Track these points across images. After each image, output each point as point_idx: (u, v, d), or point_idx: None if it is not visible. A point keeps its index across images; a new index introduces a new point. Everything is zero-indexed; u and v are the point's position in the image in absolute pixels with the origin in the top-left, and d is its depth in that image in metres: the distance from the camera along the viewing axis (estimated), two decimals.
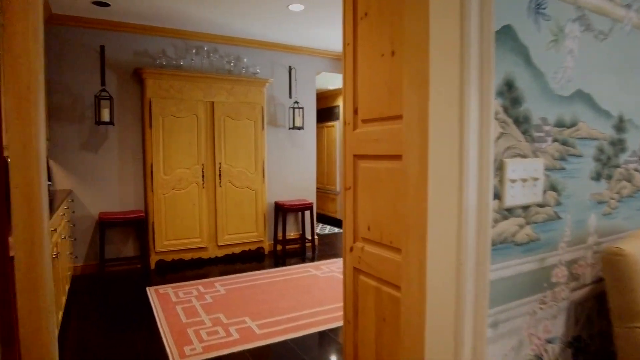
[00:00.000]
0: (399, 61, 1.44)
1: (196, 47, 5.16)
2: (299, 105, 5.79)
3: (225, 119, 5.20)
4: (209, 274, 4.76)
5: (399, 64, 1.45)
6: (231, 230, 5.33)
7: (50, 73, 4.50)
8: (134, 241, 4.99)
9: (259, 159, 5.45)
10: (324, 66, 6.11)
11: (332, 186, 7.99)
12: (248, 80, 5.28)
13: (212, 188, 5.19)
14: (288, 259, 5.43)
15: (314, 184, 6.17)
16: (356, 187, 1.74)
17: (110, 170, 4.83)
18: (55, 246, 2.98)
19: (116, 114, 4.81)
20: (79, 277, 4.59)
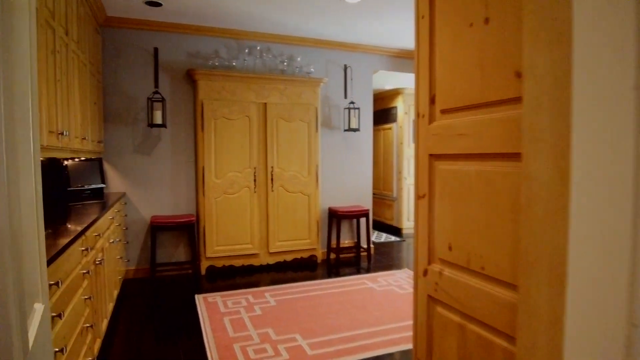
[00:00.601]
0: (497, 29, 1.08)
1: (249, 47, 5.00)
2: (354, 105, 5.47)
3: (278, 120, 4.99)
4: (259, 282, 4.54)
5: (496, 32, 1.08)
6: (283, 236, 5.10)
7: (106, 76, 4.50)
8: (185, 246, 4.89)
9: (313, 163, 5.18)
10: (381, 64, 5.75)
11: (388, 192, 7.58)
12: (302, 80, 5.04)
13: (264, 192, 4.99)
14: (342, 269, 5.10)
15: (370, 189, 5.81)
16: (432, 195, 1.38)
17: (162, 173, 4.77)
18: (100, 252, 2.86)
19: (169, 117, 4.74)
20: (130, 281, 4.54)
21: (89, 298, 2.29)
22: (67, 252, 1.90)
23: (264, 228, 5.01)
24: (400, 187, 7.32)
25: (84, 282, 2.24)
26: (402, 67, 5.89)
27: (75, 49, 3.08)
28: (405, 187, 7.30)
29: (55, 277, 1.66)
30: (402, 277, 4.63)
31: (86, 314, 2.27)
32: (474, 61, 1.17)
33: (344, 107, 5.51)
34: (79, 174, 4.17)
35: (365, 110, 5.62)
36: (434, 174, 1.35)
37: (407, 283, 4.41)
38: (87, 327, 2.27)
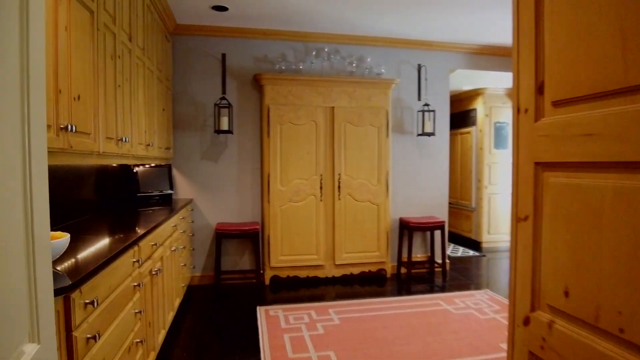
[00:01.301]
0: None
1: (317, 49, 4.80)
2: (429, 108, 5.04)
3: (346, 125, 4.72)
4: (323, 296, 4.28)
5: None
6: (350, 248, 4.80)
7: (176, 83, 4.54)
8: (250, 254, 4.78)
9: (383, 170, 4.84)
10: (458, 62, 5.27)
11: (466, 201, 6.98)
12: (372, 81, 4.73)
13: (331, 201, 4.74)
14: (413, 285, 4.68)
15: (446, 199, 5.33)
16: (539, 218, 1.01)
17: (228, 179, 4.71)
18: (158, 261, 2.77)
19: (235, 123, 4.68)
20: (196, 288, 4.51)
21: (140, 312, 2.17)
22: (112, 265, 1.77)
23: (330, 238, 4.76)
24: (480, 196, 6.69)
25: (134, 295, 2.12)
26: (483, 65, 5.35)
27: (140, 55, 3.06)
28: (486, 196, 6.67)
29: (92, 295, 1.52)
30: (483, 300, 4.11)
31: (137, 328, 2.15)
32: (609, 27, 0.80)
33: (417, 110, 5.11)
34: (149, 180, 4.22)
35: (441, 112, 5.17)
36: (543, 189, 0.99)
37: (488, 307, 3.90)
38: (138, 343, 2.15)
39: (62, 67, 1.72)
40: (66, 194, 2.74)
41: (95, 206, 3.25)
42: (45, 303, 0.93)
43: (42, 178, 0.91)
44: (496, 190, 6.71)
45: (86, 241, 2.06)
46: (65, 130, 1.72)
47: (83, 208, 3.00)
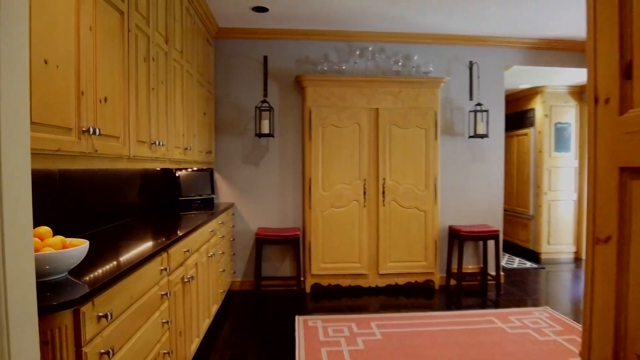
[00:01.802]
0: None
1: (360, 48, 4.61)
2: (482, 108, 4.70)
3: (392, 127, 4.49)
4: (366, 307, 4.07)
5: None
6: (395, 257, 4.55)
7: (218, 87, 4.52)
8: (290, 260, 4.66)
9: (431, 174, 4.55)
10: (514, 58, 4.88)
11: (523, 208, 6.48)
12: (419, 81, 4.47)
13: (375, 207, 4.52)
14: (464, 299, 4.35)
15: (500, 206, 4.94)
16: (626, 239, 0.77)
17: (269, 184, 4.62)
18: (192, 268, 2.69)
19: (276, 126, 4.59)
20: (236, 293, 4.44)
21: (167, 322, 2.08)
22: (134, 274, 1.68)
23: (373, 246, 4.54)
24: (539, 203, 6.19)
25: (161, 304, 2.03)
26: (542, 61, 4.92)
27: (177, 58, 3.02)
28: (546, 203, 6.15)
29: (107, 307, 1.43)
30: (542, 318, 3.72)
31: (164, 339, 2.06)
32: None
33: (468, 110, 4.78)
34: (191, 184, 4.21)
35: (495, 113, 4.80)
36: (632, 203, 0.75)
37: (548, 327, 3.52)
38: (164, 354, 2.06)
39: (86, 68, 1.66)
40: (112, 196, 2.75)
41: (138, 210, 3.26)
42: (22, 320, 0.81)
43: (16, 178, 0.80)
44: (557, 197, 6.18)
45: (114, 247, 2.00)
46: (87, 133, 1.65)
47: (127, 211, 3.01)
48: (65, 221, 2.15)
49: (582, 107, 6.23)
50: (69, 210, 2.21)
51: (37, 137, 1.35)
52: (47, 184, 2.01)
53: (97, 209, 2.55)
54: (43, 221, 1.61)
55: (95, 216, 2.52)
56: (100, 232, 2.42)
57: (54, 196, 2.06)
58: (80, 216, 2.34)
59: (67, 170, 2.18)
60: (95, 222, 2.52)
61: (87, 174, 2.43)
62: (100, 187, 2.61)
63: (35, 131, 1.33)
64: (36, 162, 1.38)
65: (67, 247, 1.49)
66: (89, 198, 2.45)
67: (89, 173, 2.45)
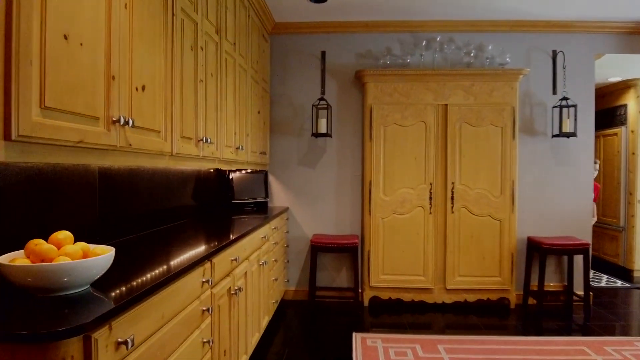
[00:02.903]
0: None
1: (427, 39, 4.20)
2: (569, 102, 4.10)
3: (462, 125, 4.03)
4: (431, 325, 3.65)
5: None
6: (464, 270, 4.07)
7: (273, 85, 4.31)
8: (348, 270, 4.33)
9: (507, 178, 4.04)
10: (606, 46, 4.23)
11: (612, 219, 5.69)
12: (494, 73, 3.99)
13: (442, 214, 4.08)
14: (545, 322, 3.79)
15: (589, 215, 4.30)
16: None
17: (326, 187, 4.33)
18: (241, 278, 2.45)
19: (334, 125, 4.29)
20: (289, 303, 4.19)
21: (209, 342, 1.83)
22: (168, 288, 1.44)
23: (440, 258, 4.09)
24: (632, 213, 5.39)
25: (202, 321, 1.78)
26: None
27: (230, 51, 2.81)
28: (639, 212, 5.35)
29: (130, 331, 1.18)
30: None
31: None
32: None
33: (552, 106, 4.20)
34: (244, 186, 4.02)
35: (583, 109, 4.18)
36: None
37: None
38: None
39: (118, 50, 1.45)
40: (161, 199, 2.60)
41: (189, 213, 3.10)
42: None
43: None
44: None
45: (153, 254, 1.78)
46: (118, 123, 1.44)
47: (176, 214, 2.85)
48: (106, 225, 1.98)
49: None
50: (111, 213, 2.03)
51: (52, 125, 1.13)
52: (85, 183, 1.83)
53: (143, 212, 2.39)
54: (77, 225, 1.42)
55: (140, 219, 2.35)
56: (144, 237, 2.24)
57: (93, 197, 1.89)
58: (124, 219, 2.17)
59: (109, 169, 2.01)
60: (140, 225, 2.35)
61: (134, 174, 2.26)
62: (147, 188, 2.45)
63: (48, 117, 1.12)
64: (51, 155, 1.16)
65: (88, 255, 1.27)
66: (135, 200, 2.28)
67: (135, 173, 2.28)
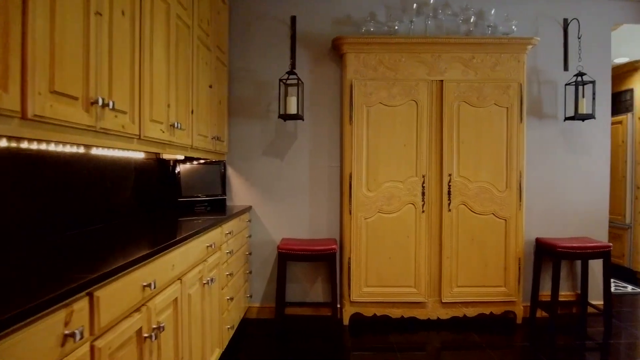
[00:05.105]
0: None
1: (418, 3, 3.50)
2: (586, 79, 3.47)
3: (461, 105, 3.35)
4: (424, 347, 2.99)
5: None
6: (464, 280, 3.40)
7: (234, 58, 3.53)
8: (324, 282, 3.59)
9: (514, 169, 3.38)
10: (625, 15, 3.64)
11: (616, 215, 5.14)
12: (498, 42, 3.32)
13: (437, 212, 3.39)
14: (559, 338, 3.15)
15: (606, 213, 3.69)
16: None
17: (298, 182, 3.57)
18: (168, 308, 1.67)
19: (307, 106, 3.54)
20: (252, 322, 3.42)
21: None
22: None
23: (435, 265, 3.40)
24: (639, 209, 4.85)
25: None
26: None
27: None
28: None
29: None
30: None
31: None
32: None
33: (563, 84, 3.57)
34: (195, 180, 3.24)
35: (600, 88, 3.56)
36: None
37: None
38: None
39: None
40: (89, 195, 1.92)
41: (128, 212, 2.43)
42: None
43: None
44: None
45: None
46: None
47: (112, 214, 2.22)
48: None
49: None
50: None
51: None
52: None
53: (38, 212, 1.58)
54: None
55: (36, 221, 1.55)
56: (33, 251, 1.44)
57: None
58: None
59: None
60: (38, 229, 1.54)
61: (34, 159, 1.47)
62: (52, 179, 1.64)
63: None
64: None
65: None
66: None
67: (35, 159, 1.49)
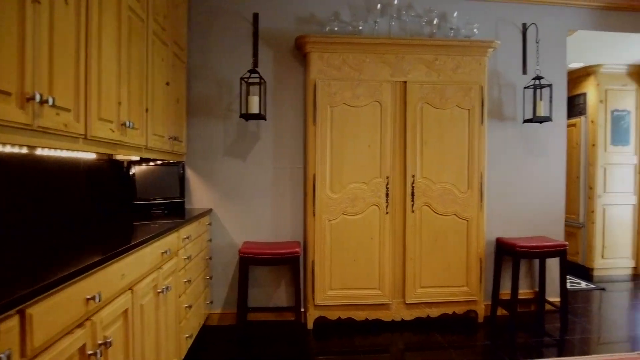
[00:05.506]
0: None
1: (382, 3, 3.48)
2: (543, 82, 3.56)
3: (424, 107, 3.36)
4: (388, 348, 2.98)
5: None
6: (427, 280, 3.41)
7: (193, 55, 3.39)
8: (287, 285, 3.51)
9: (475, 171, 3.42)
10: (579, 21, 3.76)
11: (571, 214, 5.34)
12: (461, 45, 3.35)
13: (401, 213, 3.39)
14: (519, 337, 3.22)
15: (562, 212, 3.81)
16: None
17: (261, 183, 3.48)
18: (118, 321, 1.55)
19: (271, 106, 3.46)
20: (213, 330, 3.30)
21: None
22: None
23: (399, 266, 3.40)
24: (592, 208, 5.06)
25: None
26: (615, 25, 3.80)
27: None
28: (599, 208, 5.03)
29: None
30: None
31: None
32: None
33: (523, 87, 3.65)
34: (151, 183, 3.08)
35: (555, 91, 3.67)
36: None
37: None
38: None
39: None
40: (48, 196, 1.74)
41: (78, 216, 2.22)
42: None
43: None
44: (614, 201, 5.07)
45: None
46: None
47: (67, 216, 1.98)
48: None
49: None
50: None
51: None
52: None
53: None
54: None
55: None
56: None
57: None
58: None
59: None
60: None
61: None
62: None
63: None
64: None
65: None
66: None
67: None
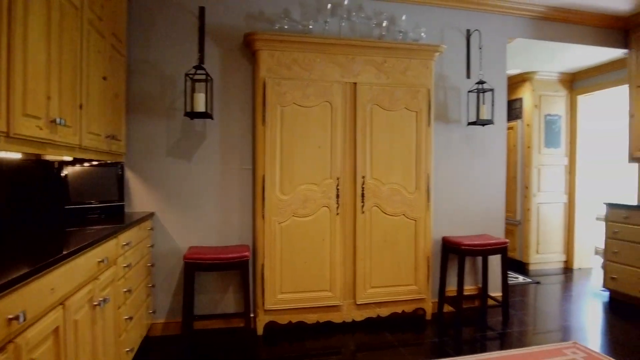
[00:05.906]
0: None
1: (332, 4, 3.46)
2: (485, 87, 3.70)
3: (373, 108, 3.38)
4: (339, 350, 2.97)
5: None
6: (377, 280, 3.43)
7: (134, 49, 3.18)
8: (236, 291, 3.39)
9: (422, 171, 3.49)
10: (518, 29, 3.95)
11: (509, 213, 5.63)
12: (409, 48, 3.40)
13: (351, 214, 3.38)
14: (465, 332, 3.33)
15: (502, 212, 3.98)
16: None
17: (207, 185, 3.33)
18: (48, 339, 1.39)
19: (217, 104, 3.32)
20: (156, 341, 3.12)
21: None
22: None
23: (349, 267, 3.39)
24: (527, 207, 5.37)
25: None
26: (551, 34, 4.04)
27: None
28: (534, 206, 5.35)
29: None
30: None
31: None
32: None
33: (467, 91, 3.78)
34: (86, 185, 2.85)
35: (496, 95, 3.83)
36: None
37: None
38: None
39: None
40: None
41: (9, 223, 1.96)
42: None
43: None
44: (547, 199, 5.41)
45: None
46: None
47: None
48: None
49: (572, 97, 5.49)
50: None
51: None
52: None
53: None
54: None
55: None
56: None
57: None
58: None
59: None
60: None
61: None
62: None
63: None
64: None
65: None
66: None
67: None
